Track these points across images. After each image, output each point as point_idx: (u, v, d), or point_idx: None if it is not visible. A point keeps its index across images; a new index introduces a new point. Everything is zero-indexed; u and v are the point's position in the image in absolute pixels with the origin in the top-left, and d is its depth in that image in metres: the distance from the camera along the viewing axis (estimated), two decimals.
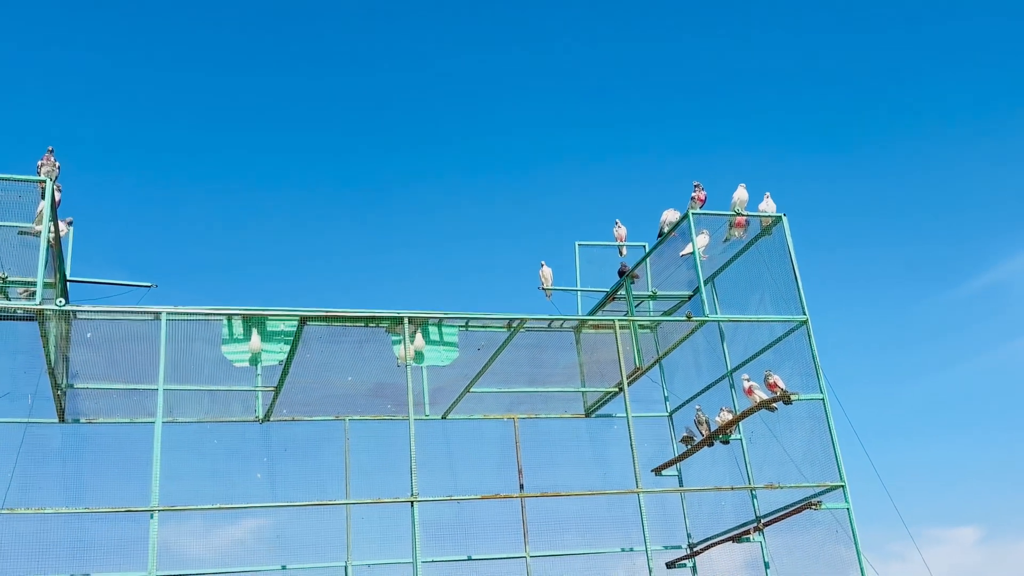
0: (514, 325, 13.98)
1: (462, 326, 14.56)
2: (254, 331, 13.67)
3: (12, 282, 13.08)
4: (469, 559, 15.24)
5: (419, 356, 14.14)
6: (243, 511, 13.89)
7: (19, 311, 12.82)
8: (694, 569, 15.73)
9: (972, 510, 39.01)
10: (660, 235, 15.23)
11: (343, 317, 13.04)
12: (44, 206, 11.79)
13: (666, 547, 15.90)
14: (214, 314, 13.29)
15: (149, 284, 14.37)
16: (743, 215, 14.25)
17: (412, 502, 11.44)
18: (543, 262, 16.58)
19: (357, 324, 13.38)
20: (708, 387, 15.71)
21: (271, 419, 15.29)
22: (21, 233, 12.64)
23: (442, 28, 56.63)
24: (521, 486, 15.44)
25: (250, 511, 14.03)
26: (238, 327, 13.68)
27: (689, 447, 15.08)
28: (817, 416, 13.31)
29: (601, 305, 16.69)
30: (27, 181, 11.81)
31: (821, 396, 13.20)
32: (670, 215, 14.92)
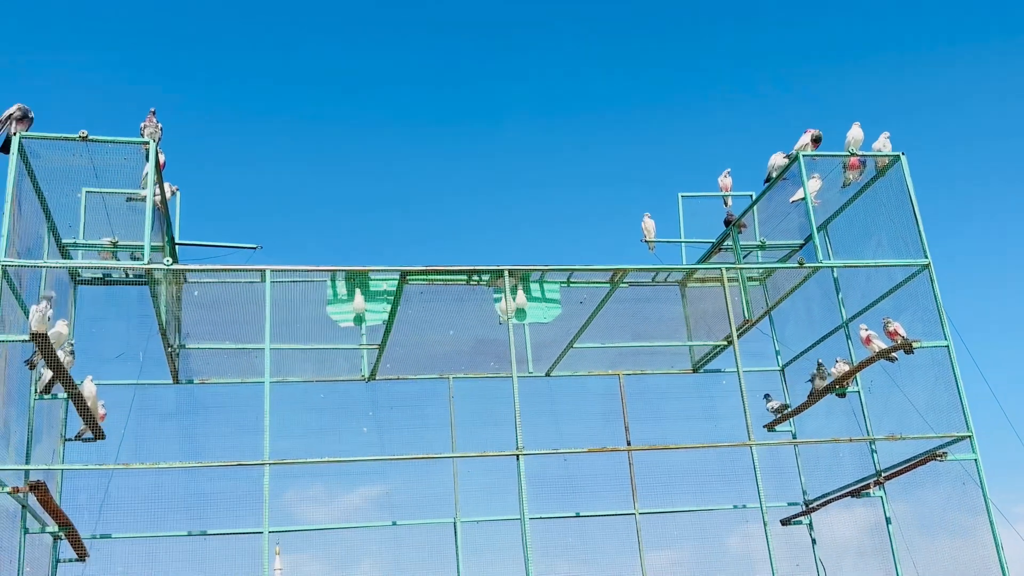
0: (617, 278, 13.92)
1: (563, 281, 14.66)
2: (357, 291, 14.12)
3: (123, 246, 13.50)
4: (577, 515, 15.54)
5: (520, 313, 14.29)
6: (353, 465, 14.07)
7: (130, 274, 13.52)
8: (811, 526, 15.86)
9: None
10: (768, 180, 14.97)
11: (444, 271, 13.16)
12: (149, 168, 12.09)
13: (781, 504, 15.98)
14: (317, 271, 13.65)
15: (254, 246, 14.66)
16: (858, 155, 13.94)
17: (517, 455, 11.58)
18: (647, 214, 16.49)
19: (458, 280, 13.58)
20: (823, 338, 15.51)
21: (376, 378, 15.62)
22: (129, 200, 13.03)
23: None
24: (628, 441, 15.70)
25: (359, 467, 14.25)
26: (341, 287, 14.18)
27: (812, 396, 14.94)
28: (942, 364, 12.96)
29: (707, 256, 16.61)
30: (131, 143, 12.02)
31: (946, 343, 12.84)
32: (778, 159, 14.56)
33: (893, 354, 13.11)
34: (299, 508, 14.83)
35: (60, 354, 11.28)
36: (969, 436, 12.39)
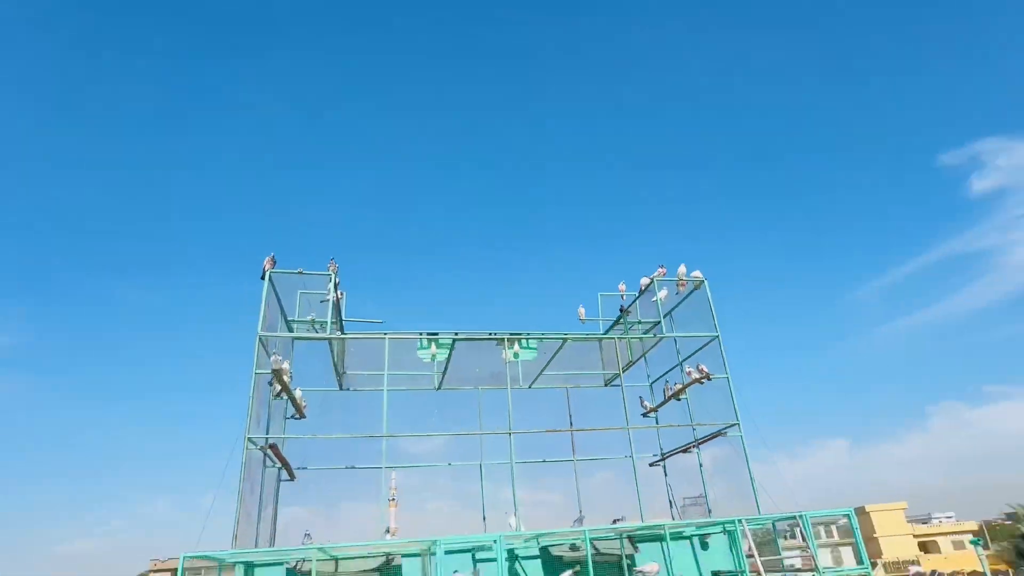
0: (566, 339, 14.39)
1: (539, 339, 14.39)
2: (432, 343, 14.14)
3: (316, 321, 13.86)
4: (543, 461, 15.10)
5: (516, 355, 14.21)
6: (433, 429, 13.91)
7: (318, 334, 13.84)
8: (664, 468, 15.79)
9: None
10: (640, 291, 15.42)
11: (475, 336, 13.78)
12: (331, 286, 13.15)
13: (648, 455, 15.82)
14: (412, 336, 13.94)
15: (379, 320, 14.87)
16: (683, 280, 14.64)
17: (510, 433, 12.13)
18: (580, 306, 16.15)
19: (482, 338, 13.90)
20: (670, 370, 15.63)
21: (441, 388, 15.71)
22: (322, 302, 13.63)
23: None
24: (571, 423, 15.21)
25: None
26: (425, 341, 14.13)
27: (663, 401, 15.34)
28: (725, 386, 13.63)
29: (611, 328, 16.14)
30: (323, 274, 13.34)
31: (727, 376, 13.56)
32: (644, 280, 15.17)
33: (703, 380, 13.83)
34: (405, 453, 14.66)
35: (284, 377, 12.16)
36: (737, 424, 13.22)
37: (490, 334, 13.95)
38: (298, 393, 13.23)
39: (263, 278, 12.60)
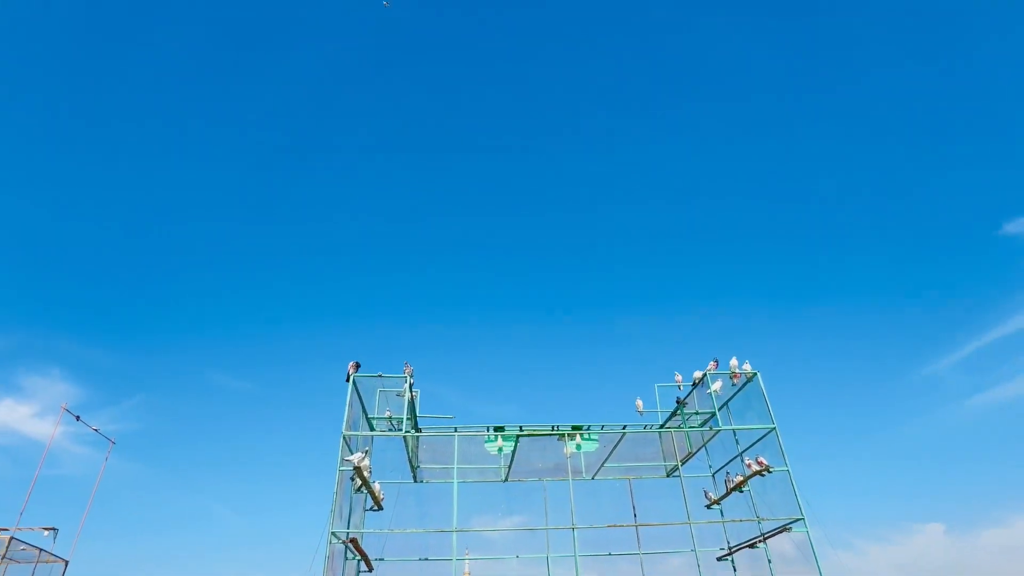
0: (625, 430, 14.77)
1: (599, 431, 14.70)
2: (499, 436, 14.62)
3: (393, 418, 14.67)
4: (609, 555, 15.04)
5: (577, 447, 14.60)
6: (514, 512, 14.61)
7: (397, 436, 14.42)
8: (732, 561, 15.46)
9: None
10: (693, 384, 15.37)
11: (538, 431, 14.29)
12: (406, 387, 14.02)
13: (713, 548, 15.53)
14: (479, 432, 14.56)
15: (450, 416, 15.20)
16: (736, 372, 14.76)
17: (572, 528, 12.49)
18: (638, 398, 16.12)
19: (545, 432, 14.39)
20: (729, 461, 15.61)
21: (508, 480, 16.14)
22: (398, 395, 14.53)
23: None
24: (635, 516, 15.60)
25: (530, 512, 14.79)
26: (492, 435, 14.62)
27: (725, 493, 15.25)
28: (785, 479, 13.44)
29: (669, 419, 16.09)
30: (399, 377, 14.12)
31: (786, 468, 13.36)
32: (697, 374, 15.25)
33: (762, 472, 13.78)
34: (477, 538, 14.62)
35: (365, 473, 12.88)
36: (802, 518, 12.94)
37: (552, 427, 14.43)
38: (376, 486, 14.02)
39: (347, 380, 13.67)
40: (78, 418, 15.96)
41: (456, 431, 14.09)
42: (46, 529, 15.03)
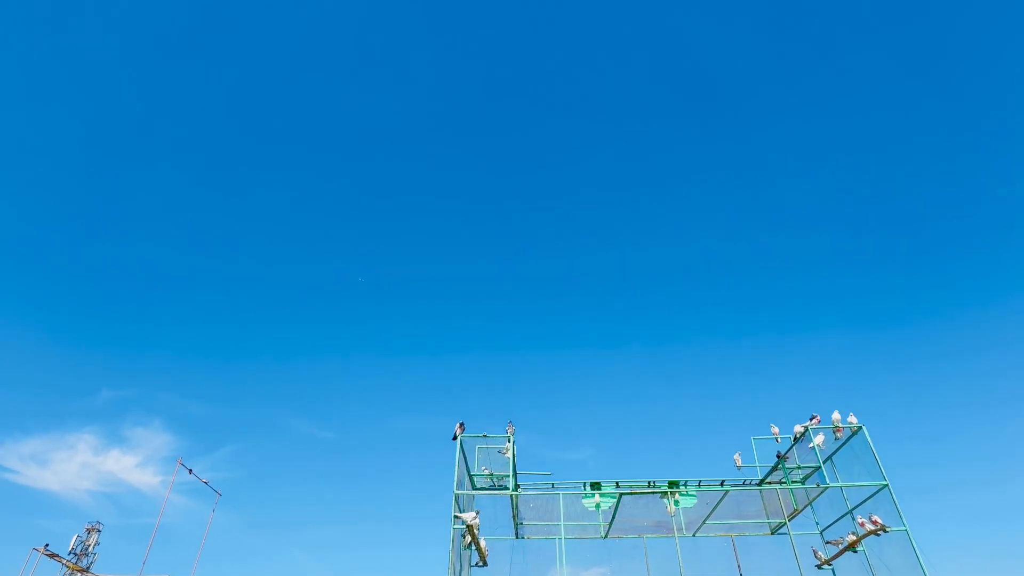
0: (725, 486, 14.62)
1: (698, 488, 14.58)
2: (597, 493, 14.73)
3: (495, 475, 15.13)
4: None
5: (676, 503, 14.36)
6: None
7: (503, 493, 14.99)
8: None
9: None
10: (794, 438, 15.39)
11: (639, 487, 14.37)
12: (510, 445, 14.63)
13: None
14: (577, 487, 14.66)
15: (548, 472, 15.30)
16: (839, 427, 14.56)
17: None
18: (737, 453, 16.01)
19: (645, 489, 14.38)
20: (839, 518, 15.07)
21: (608, 536, 16.06)
22: (500, 452, 15.03)
23: None
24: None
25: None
26: (590, 491, 14.79)
27: (836, 553, 14.74)
28: (904, 539, 13.03)
29: (769, 474, 15.89)
30: (502, 436, 14.84)
31: (904, 528, 13.00)
32: (798, 428, 15.24)
33: (878, 532, 13.31)
34: None
35: (475, 531, 13.41)
36: None
37: (649, 483, 14.53)
38: (483, 543, 14.41)
39: (454, 439, 14.46)
40: (191, 471, 17.22)
41: (553, 487, 14.47)
42: None
